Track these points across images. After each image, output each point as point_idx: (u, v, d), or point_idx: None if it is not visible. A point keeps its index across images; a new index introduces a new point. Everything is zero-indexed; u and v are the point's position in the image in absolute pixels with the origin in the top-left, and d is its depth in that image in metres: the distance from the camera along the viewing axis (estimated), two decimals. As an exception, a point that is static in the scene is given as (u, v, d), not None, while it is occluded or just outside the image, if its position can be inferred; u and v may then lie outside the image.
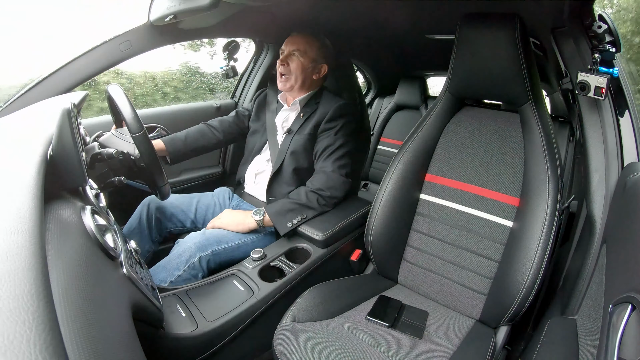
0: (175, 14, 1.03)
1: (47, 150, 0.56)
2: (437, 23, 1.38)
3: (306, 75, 1.27)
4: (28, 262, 0.28)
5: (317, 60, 1.27)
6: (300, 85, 1.27)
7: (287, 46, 1.26)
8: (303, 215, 1.15)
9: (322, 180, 1.21)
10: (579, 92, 0.81)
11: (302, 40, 1.25)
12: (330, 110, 1.25)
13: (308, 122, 1.27)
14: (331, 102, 1.28)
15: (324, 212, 1.21)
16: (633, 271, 0.54)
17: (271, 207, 1.15)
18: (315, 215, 1.18)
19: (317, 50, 1.26)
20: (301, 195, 1.18)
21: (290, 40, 1.27)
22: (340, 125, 1.25)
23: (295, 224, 1.13)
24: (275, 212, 1.14)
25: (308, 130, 1.26)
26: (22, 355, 0.21)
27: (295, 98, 1.31)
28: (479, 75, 1.00)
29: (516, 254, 0.90)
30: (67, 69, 1.14)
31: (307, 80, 1.28)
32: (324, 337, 0.86)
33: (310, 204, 1.17)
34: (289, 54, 1.25)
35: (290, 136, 1.28)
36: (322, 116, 1.25)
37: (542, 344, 0.73)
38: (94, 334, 0.36)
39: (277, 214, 1.14)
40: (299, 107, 1.31)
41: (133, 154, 0.88)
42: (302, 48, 1.24)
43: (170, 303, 0.92)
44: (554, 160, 0.91)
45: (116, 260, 0.54)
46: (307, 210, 1.17)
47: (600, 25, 0.75)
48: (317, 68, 1.28)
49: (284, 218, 1.13)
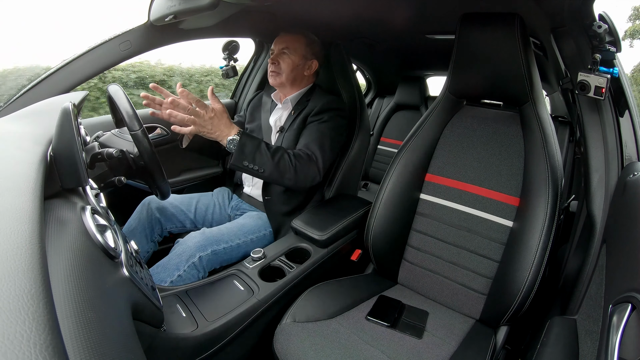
0: (175, 14, 1.02)
1: (47, 150, 0.56)
2: (437, 23, 1.38)
3: (297, 72, 1.27)
4: (28, 262, 0.28)
5: (307, 56, 1.28)
6: (291, 82, 1.28)
7: (276, 45, 1.27)
8: (260, 169, 1.06)
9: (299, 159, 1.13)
10: (579, 92, 0.81)
11: (291, 38, 1.26)
12: (319, 104, 1.25)
13: (298, 118, 1.27)
14: (322, 98, 1.28)
15: (273, 179, 1.11)
16: (633, 271, 0.54)
17: (243, 140, 1.05)
18: (269, 177, 1.09)
19: (305, 47, 1.27)
20: (276, 153, 1.09)
21: (278, 39, 1.28)
22: (326, 118, 1.24)
23: (246, 166, 1.05)
24: (241, 145, 1.04)
25: (297, 125, 1.26)
26: (22, 355, 0.21)
27: (287, 96, 1.31)
28: (479, 75, 1.00)
29: (516, 253, 0.90)
30: (67, 69, 1.14)
31: (299, 76, 1.29)
32: (324, 337, 0.86)
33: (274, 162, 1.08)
34: (279, 53, 1.26)
35: (282, 134, 1.28)
36: (311, 110, 1.25)
37: (542, 344, 0.73)
38: (94, 333, 0.35)
39: (242, 146, 1.04)
40: (291, 106, 1.31)
41: (132, 153, 0.88)
42: (291, 46, 1.25)
43: (170, 303, 0.92)
44: (554, 160, 0.91)
45: (116, 260, 0.54)
46: (267, 167, 1.07)
47: (601, 25, 0.75)
48: (308, 64, 1.29)
49: (245, 155, 1.05)
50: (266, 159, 1.06)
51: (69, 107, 0.61)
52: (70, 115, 0.58)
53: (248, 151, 1.05)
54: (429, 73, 2.53)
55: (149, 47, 1.26)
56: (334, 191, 1.40)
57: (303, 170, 1.12)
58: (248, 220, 1.24)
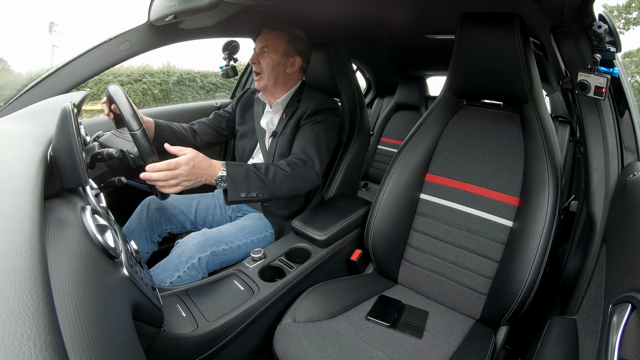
0: (175, 14, 1.03)
1: (47, 150, 0.56)
2: (437, 23, 1.38)
3: (279, 71, 1.23)
4: (28, 262, 0.28)
5: (288, 53, 1.23)
6: (274, 83, 1.24)
7: (257, 44, 1.22)
8: (258, 193, 1.02)
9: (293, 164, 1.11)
10: (579, 92, 0.81)
11: (271, 36, 1.22)
12: (311, 106, 1.22)
13: (290, 121, 1.24)
14: (313, 98, 1.25)
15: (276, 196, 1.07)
16: (633, 271, 0.54)
17: (232, 172, 1.00)
18: (270, 197, 1.05)
19: (286, 44, 1.22)
20: (268, 171, 1.05)
21: (260, 38, 1.23)
22: (320, 119, 1.21)
23: (244, 196, 1.00)
24: (232, 179, 0.99)
25: (290, 130, 1.23)
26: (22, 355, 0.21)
27: (276, 99, 1.28)
28: (479, 75, 1.00)
29: (516, 253, 0.90)
30: (67, 69, 1.14)
31: (281, 76, 1.24)
32: (324, 337, 0.86)
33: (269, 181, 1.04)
34: (259, 52, 1.21)
35: (276, 139, 1.26)
36: (303, 112, 1.22)
37: (542, 343, 0.73)
38: (94, 334, 0.36)
39: (233, 180, 0.99)
40: (282, 108, 1.28)
41: (132, 153, 0.88)
42: (271, 43, 1.20)
43: (170, 303, 0.91)
44: (554, 160, 0.91)
45: (116, 260, 0.54)
46: (264, 189, 1.03)
47: (601, 25, 0.75)
48: (290, 61, 1.24)
49: (238, 186, 1.00)
50: (259, 182, 1.02)
51: (69, 107, 0.61)
52: (70, 115, 0.59)
53: (240, 181, 0.99)
54: (429, 73, 2.53)
55: (149, 47, 1.27)
56: (334, 191, 1.40)
57: (300, 177, 1.10)
58: (249, 222, 1.24)
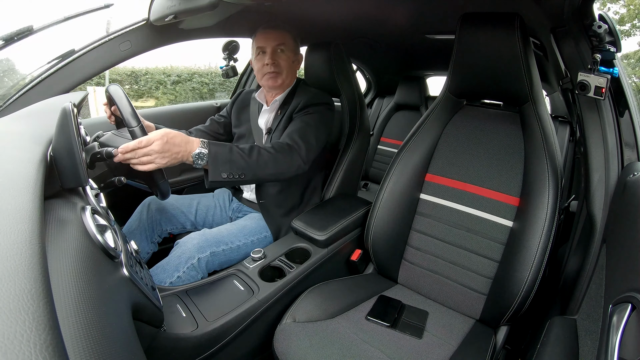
0: (175, 14, 1.03)
1: (47, 150, 0.56)
2: (437, 23, 1.38)
3: (292, 69, 1.25)
4: (28, 262, 0.28)
5: (296, 51, 1.26)
6: (290, 81, 1.26)
7: (269, 42, 1.18)
8: (240, 175, 0.96)
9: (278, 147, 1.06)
10: (579, 92, 0.81)
11: (283, 34, 1.21)
12: (303, 100, 1.21)
13: (284, 117, 1.24)
14: (305, 93, 1.24)
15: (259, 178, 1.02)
16: (633, 271, 0.54)
17: (214, 151, 0.94)
18: (252, 179, 1.00)
19: (294, 42, 1.24)
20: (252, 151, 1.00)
21: (269, 36, 1.19)
22: (312, 111, 1.19)
23: (225, 177, 0.94)
24: (214, 158, 0.93)
25: (282, 125, 1.23)
26: (22, 355, 0.21)
27: (276, 96, 1.27)
28: (479, 75, 1.00)
29: (516, 253, 0.90)
30: (67, 69, 1.14)
31: (292, 73, 1.26)
32: (324, 337, 0.86)
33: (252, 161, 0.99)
34: (275, 51, 1.19)
35: (269, 136, 1.26)
36: (295, 106, 1.22)
37: (542, 343, 0.73)
38: (94, 334, 0.36)
39: (215, 159, 0.93)
40: (278, 106, 1.28)
41: None
42: (286, 42, 1.20)
43: (170, 303, 0.92)
44: (554, 160, 0.91)
45: (116, 260, 0.54)
46: (247, 169, 0.98)
47: (600, 25, 0.75)
48: (297, 59, 1.28)
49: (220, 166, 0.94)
50: (243, 162, 0.96)
51: (69, 107, 0.61)
52: (70, 115, 0.59)
53: (222, 161, 0.92)
54: (429, 73, 2.53)
55: (149, 47, 1.27)
56: (334, 191, 1.40)
57: (285, 160, 1.04)
58: (249, 222, 1.24)
